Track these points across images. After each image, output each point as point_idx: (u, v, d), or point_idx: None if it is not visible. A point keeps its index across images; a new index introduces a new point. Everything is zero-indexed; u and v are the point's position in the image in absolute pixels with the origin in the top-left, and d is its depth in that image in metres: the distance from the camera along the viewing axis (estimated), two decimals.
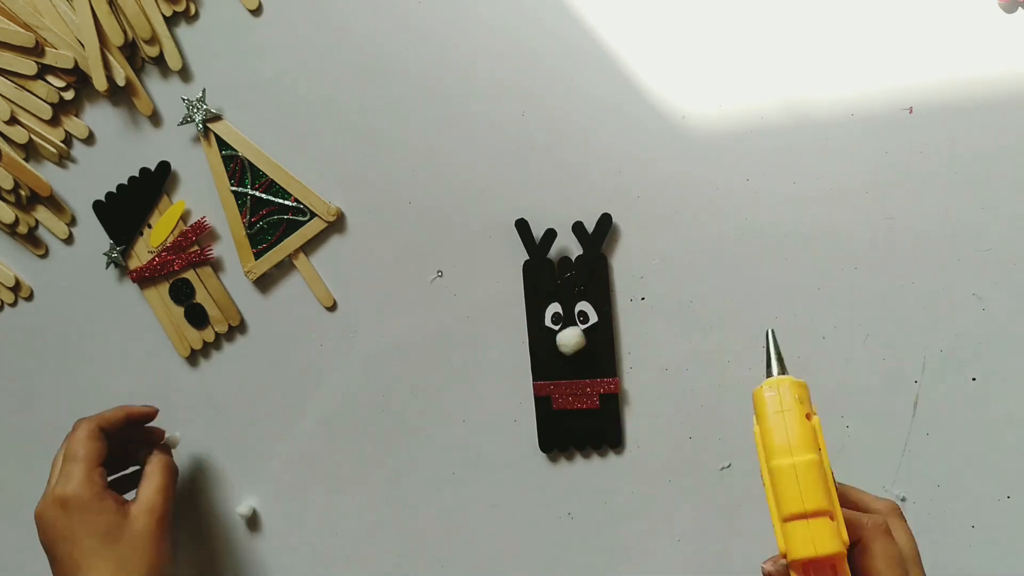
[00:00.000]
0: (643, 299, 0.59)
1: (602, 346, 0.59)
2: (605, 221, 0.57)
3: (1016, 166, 0.54)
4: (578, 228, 0.58)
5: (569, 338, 0.58)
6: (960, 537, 0.56)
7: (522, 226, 0.58)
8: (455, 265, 0.61)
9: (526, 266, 0.59)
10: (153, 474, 0.60)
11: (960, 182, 0.54)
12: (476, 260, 0.61)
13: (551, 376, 0.59)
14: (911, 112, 0.54)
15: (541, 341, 0.59)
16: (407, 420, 0.63)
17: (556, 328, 0.59)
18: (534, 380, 0.60)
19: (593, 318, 0.58)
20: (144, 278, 0.65)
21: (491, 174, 0.60)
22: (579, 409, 0.59)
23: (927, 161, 0.54)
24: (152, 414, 0.62)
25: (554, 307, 0.59)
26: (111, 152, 0.64)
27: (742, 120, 0.56)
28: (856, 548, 0.40)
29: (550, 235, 0.58)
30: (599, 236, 0.57)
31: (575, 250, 0.58)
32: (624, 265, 0.58)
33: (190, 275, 0.64)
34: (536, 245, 0.58)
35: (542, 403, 0.60)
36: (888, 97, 0.55)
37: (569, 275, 0.58)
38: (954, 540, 0.56)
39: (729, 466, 0.58)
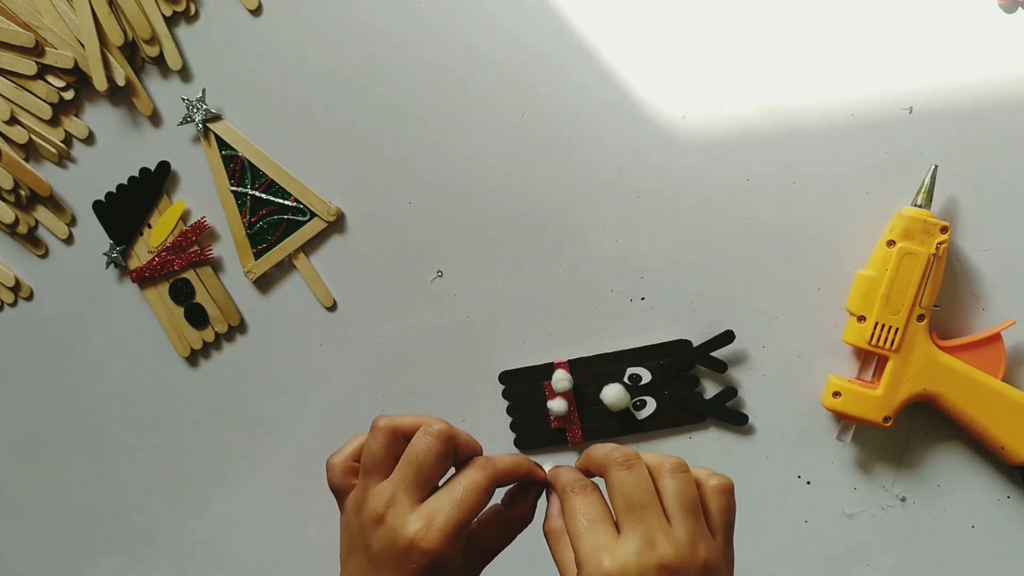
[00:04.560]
0: (643, 299, 0.59)
1: (622, 432, 0.59)
2: (740, 418, 0.57)
3: (1016, 166, 0.54)
4: (728, 393, 0.57)
5: (616, 398, 0.58)
6: (960, 537, 0.56)
7: (727, 338, 0.57)
8: (455, 265, 0.61)
9: (681, 344, 0.58)
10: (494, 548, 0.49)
11: (960, 182, 0.54)
12: (476, 260, 0.61)
13: (582, 409, 0.59)
14: (911, 112, 0.54)
15: (601, 368, 0.59)
16: None
17: (626, 383, 0.58)
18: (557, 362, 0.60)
19: (648, 413, 0.58)
20: (144, 278, 0.65)
21: (491, 174, 0.60)
22: (548, 409, 0.59)
23: (927, 161, 0.54)
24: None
25: (644, 374, 0.58)
26: (111, 152, 0.64)
27: (742, 120, 0.56)
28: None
29: (720, 366, 0.57)
30: (724, 414, 0.57)
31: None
32: (624, 265, 0.58)
33: (190, 275, 0.64)
34: (708, 356, 0.57)
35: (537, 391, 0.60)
36: (888, 97, 0.55)
37: (679, 385, 0.58)
38: (954, 540, 0.56)
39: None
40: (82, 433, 0.68)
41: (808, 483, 0.57)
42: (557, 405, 0.59)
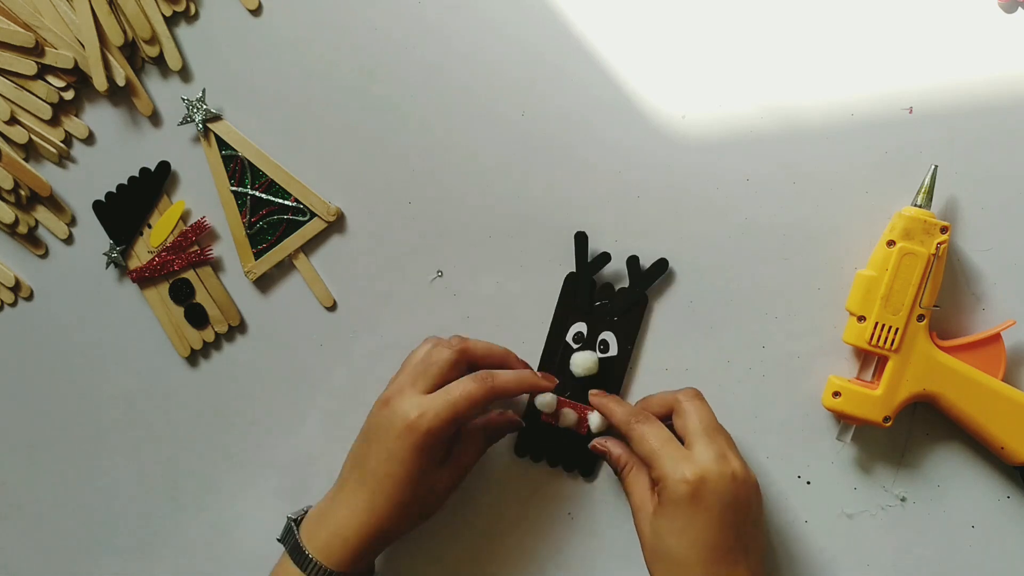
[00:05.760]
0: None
1: (613, 379, 0.58)
2: (661, 265, 0.57)
3: (1016, 166, 0.54)
4: (632, 262, 0.57)
5: (583, 361, 0.58)
6: (960, 537, 0.56)
7: (580, 240, 0.58)
8: (455, 265, 0.61)
9: (569, 279, 0.58)
10: (466, 461, 0.56)
11: (959, 182, 0.54)
12: (476, 260, 0.61)
13: (555, 390, 0.59)
14: (911, 112, 0.54)
15: (555, 355, 0.59)
16: None
17: (575, 347, 0.59)
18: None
19: (613, 350, 0.58)
20: (144, 278, 0.65)
21: (491, 174, 0.60)
22: (565, 428, 0.59)
23: (927, 161, 0.54)
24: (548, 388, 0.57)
25: (580, 327, 0.58)
26: (111, 152, 0.64)
27: (742, 119, 0.56)
28: (674, 414, 0.53)
29: (604, 258, 0.57)
30: (650, 277, 0.57)
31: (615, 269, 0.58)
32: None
33: (190, 275, 0.64)
34: (587, 263, 0.58)
35: (532, 409, 0.60)
36: (888, 97, 0.55)
37: (606, 303, 0.58)
38: (954, 540, 0.56)
39: None
40: (82, 433, 0.68)
41: (808, 483, 0.57)
42: (563, 415, 0.59)
